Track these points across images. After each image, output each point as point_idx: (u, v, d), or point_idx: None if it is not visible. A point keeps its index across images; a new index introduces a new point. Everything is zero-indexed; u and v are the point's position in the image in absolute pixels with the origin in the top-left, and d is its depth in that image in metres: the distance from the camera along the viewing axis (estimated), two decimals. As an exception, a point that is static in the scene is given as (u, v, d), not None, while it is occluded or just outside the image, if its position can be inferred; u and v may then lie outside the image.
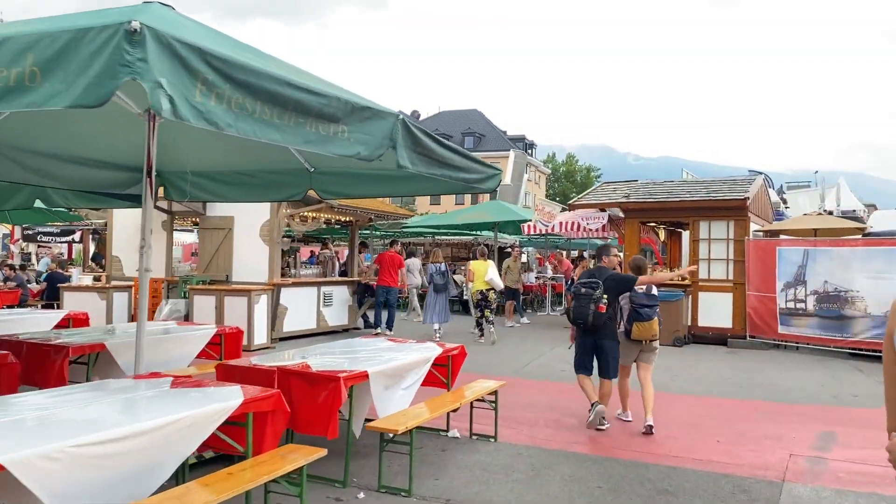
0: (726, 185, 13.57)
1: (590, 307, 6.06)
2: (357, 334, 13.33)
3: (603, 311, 6.07)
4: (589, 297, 6.08)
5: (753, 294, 12.49)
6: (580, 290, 6.21)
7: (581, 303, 6.13)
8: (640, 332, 6.46)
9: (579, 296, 6.19)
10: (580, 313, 6.13)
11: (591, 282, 6.20)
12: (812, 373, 9.89)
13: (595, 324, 6.10)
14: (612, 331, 6.34)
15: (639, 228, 13.89)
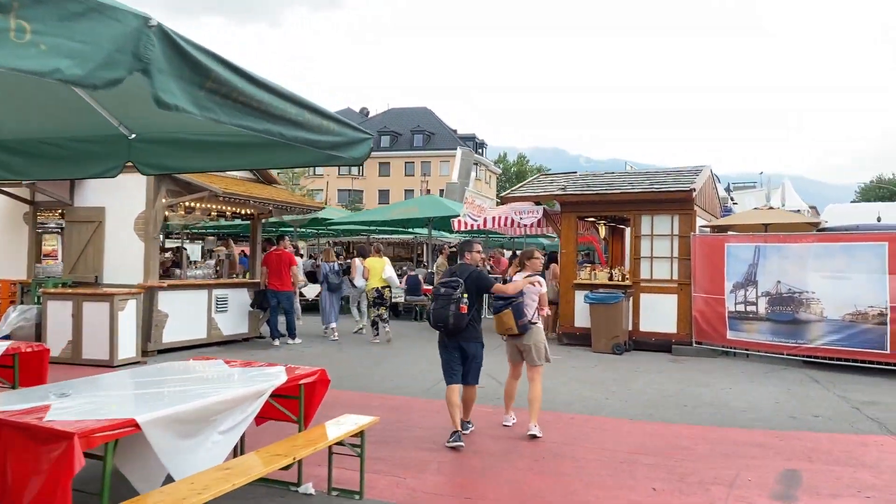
0: (671, 177, 12.35)
1: (449, 308, 5.57)
2: (259, 345, 11.67)
3: (464, 312, 5.59)
4: (448, 297, 5.59)
5: (700, 296, 11.28)
6: (440, 290, 5.71)
7: (440, 304, 5.63)
8: (496, 326, 6.16)
9: (438, 296, 5.69)
10: (440, 315, 5.63)
11: (451, 281, 5.69)
12: (766, 387, 8.65)
13: (457, 326, 5.61)
14: (476, 333, 5.86)
15: (576, 224, 12.55)
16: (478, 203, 12.97)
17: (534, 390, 6.16)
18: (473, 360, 5.90)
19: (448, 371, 5.84)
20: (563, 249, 12.53)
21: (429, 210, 16.50)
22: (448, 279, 5.74)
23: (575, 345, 12.09)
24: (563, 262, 12.52)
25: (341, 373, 9.05)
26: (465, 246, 6.16)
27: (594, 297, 11.45)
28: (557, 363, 10.28)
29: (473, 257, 6.11)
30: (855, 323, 9.62)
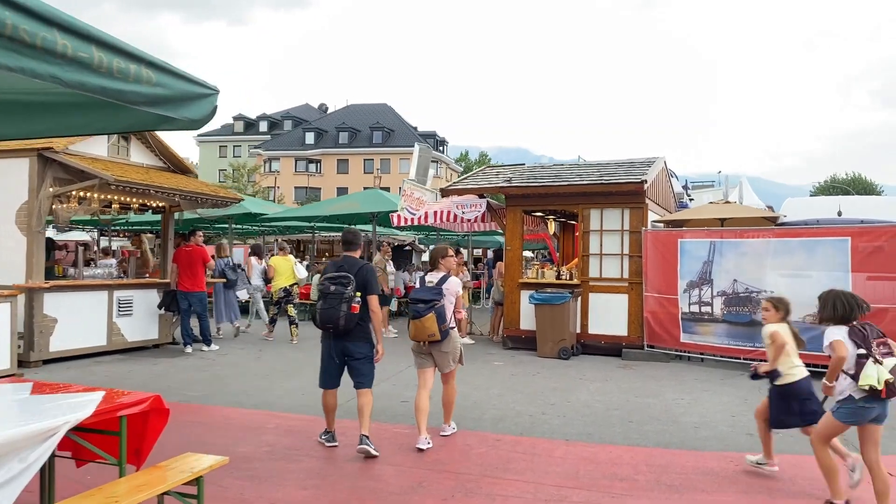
0: (622, 168, 11.52)
1: (341, 308, 5.12)
2: (169, 352, 10.47)
3: (356, 313, 5.16)
4: (340, 296, 5.13)
5: (652, 296, 10.46)
6: (329, 287, 5.20)
7: (330, 303, 5.15)
8: (415, 332, 5.58)
9: (328, 295, 5.18)
10: (330, 316, 5.14)
11: (341, 277, 5.20)
12: (720, 396, 7.83)
13: (346, 328, 5.17)
14: (366, 332, 5.37)
15: (522, 218, 11.64)
16: (417, 196, 11.96)
17: (449, 392, 5.88)
18: (365, 362, 5.39)
19: (325, 374, 5.44)
20: (509, 246, 11.60)
21: (371, 205, 15.39)
22: (336, 274, 5.22)
23: (520, 349, 11.19)
24: (509, 260, 11.60)
25: (247, 385, 7.96)
26: (352, 237, 5.59)
27: (539, 297, 10.54)
28: (497, 370, 9.34)
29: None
30: (816, 325, 8.85)
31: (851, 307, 4.17)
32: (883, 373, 3.87)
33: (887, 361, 3.92)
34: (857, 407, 4.03)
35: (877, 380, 3.87)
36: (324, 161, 71.33)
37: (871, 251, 8.50)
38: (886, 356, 3.95)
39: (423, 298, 5.54)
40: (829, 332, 4.17)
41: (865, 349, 3.96)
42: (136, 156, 10.17)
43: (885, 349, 3.99)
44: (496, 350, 11.33)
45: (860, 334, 4.03)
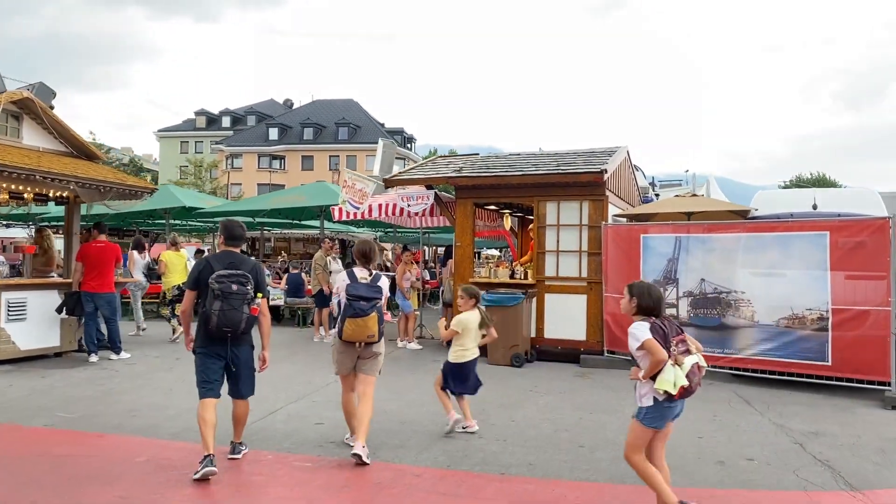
0: (581, 158, 10.57)
1: (243, 310, 4.72)
2: (69, 362, 9.24)
3: (256, 315, 4.83)
4: (243, 296, 4.72)
5: (613, 296, 9.51)
6: (230, 287, 4.69)
7: (233, 304, 4.67)
8: (354, 332, 5.13)
9: (230, 295, 4.67)
10: (232, 318, 4.67)
11: (239, 276, 4.76)
12: (686, 411, 6.87)
13: (245, 331, 4.82)
14: (249, 336, 4.98)
15: (473, 212, 10.61)
16: (359, 187, 10.87)
17: (368, 406, 5.23)
18: (247, 368, 5.00)
19: (207, 382, 4.82)
20: (458, 242, 10.58)
21: (319, 198, 14.27)
22: (233, 273, 4.74)
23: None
24: (459, 258, 10.57)
25: (140, 402, 6.80)
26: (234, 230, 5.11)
27: (490, 298, 9.53)
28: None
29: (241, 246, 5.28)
30: (791, 329, 8.01)
31: (659, 300, 3.94)
32: (680, 377, 3.65)
33: (686, 361, 3.71)
34: (662, 409, 3.80)
35: (673, 384, 3.64)
36: (288, 157, 69.67)
37: (852, 247, 7.65)
38: (685, 354, 3.74)
39: (364, 296, 5.15)
40: (635, 329, 3.84)
41: (665, 348, 3.70)
42: (30, 138, 8.92)
43: (684, 346, 3.77)
44: (443, 355, 10.26)
45: (661, 331, 3.77)
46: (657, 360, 3.67)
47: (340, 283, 5.31)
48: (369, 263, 5.43)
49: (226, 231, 5.08)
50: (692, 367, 3.72)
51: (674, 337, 3.77)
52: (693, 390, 3.72)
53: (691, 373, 3.70)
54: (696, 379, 3.74)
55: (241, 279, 4.73)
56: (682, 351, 3.74)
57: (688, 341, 3.82)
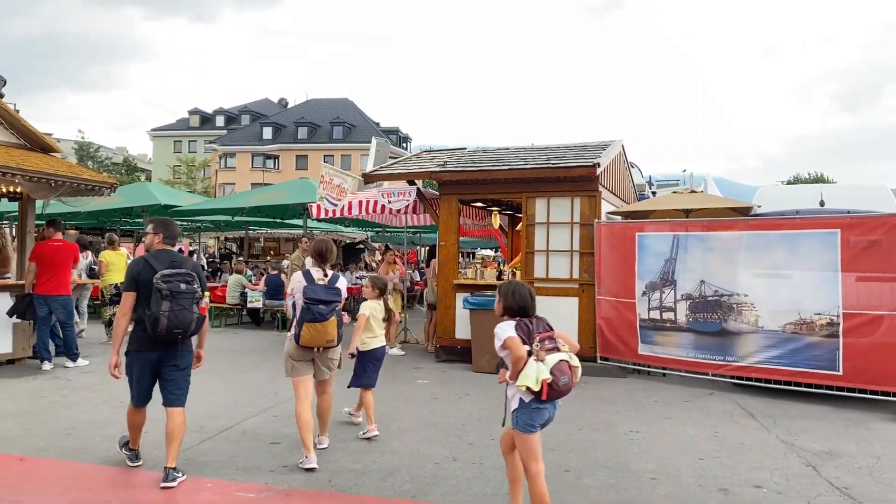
0: (572, 152, 9.94)
1: (193, 310, 4.44)
2: (21, 370, 8.60)
3: (204, 314, 4.62)
4: (192, 295, 4.45)
5: (606, 299, 8.90)
6: (178, 286, 4.39)
7: (182, 304, 4.39)
8: (312, 337, 4.85)
9: (178, 295, 4.38)
10: (183, 319, 4.39)
11: (185, 274, 4.47)
12: (685, 427, 6.26)
13: (195, 332, 4.56)
14: (189, 340, 4.68)
15: (458, 209, 9.97)
16: (337, 183, 10.22)
17: (328, 400, 5.35)
18: (186, 374, 4.68)
19: (142, 388, 4.59)
20: (442, 241, 9.94)
21: (301, 195, 13.61)
22: (178, 272, 4.45)
23: (455, 361, 9.54)
24: (443, 257, 9.93)
25: (79, 418, 6.14)
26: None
27: (475, 301, 8.91)
28: (416, 392, 7.67)
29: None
30: (798, 335, 7.39)
31: (523, 299, 3.76)
32: (543, 371, 3.46)
33: (550, 358, 3.51)
34: (531, 410, 3.61)
35: (535, 380, 3.46)
36: (282, 157, 68.92)
37: (866, 246, 7.02)
38: (551, 352, 3.56)
39: (324, 299, 4.87)
40: (498, 328, 3.71)
41: (529, 345, 3.56)
42: (-22, 130, 8.26)
43: (551, 344, 3.60)
44: (427, 363, 9.66)
45: (525, 328, 3.63)
46: (516, 357, 3.53)
47: (296, 285, 4.98)
48: (326, 263, 5.10)
49: (164, 228, 4.77)
50: (559, 365, 3.51)
51: (538, 334, 3.59)
52: (562, 390, 3.51)
53: (558, 370, 3.49)
54: (568, 379, 3.53)
55: (186, 278, 4.46)
56: (547, 348, 3.54)
57: (557, 339, 3.64)
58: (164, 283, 4.35)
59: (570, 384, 3.54)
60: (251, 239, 30.78)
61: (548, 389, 3.44)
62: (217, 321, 13.80)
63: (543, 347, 3.54)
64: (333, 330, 4.89)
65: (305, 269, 5.12)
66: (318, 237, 5.97)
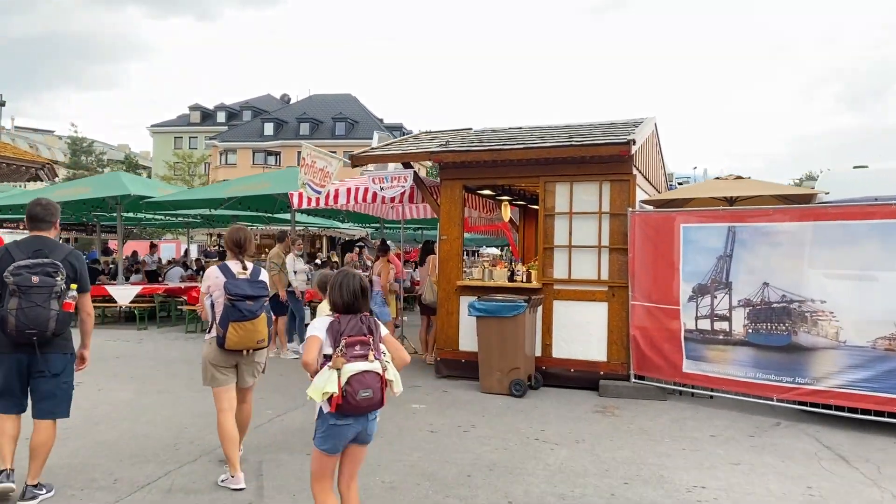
0: (599, 130, 8.39)
1: (50, 306, 3.85)
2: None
3: (70, 311, 3.99)
4: (49, 289, 3.86)
5: (642, 305, 7.35)
6: (29, 280, 3.83)
7: (34, 300, 3.82)
8: (242, 338, 4.32)
9: (29, 289, 3.82)
10: (36, 318, 3.82)
11: (45, 265, 3.89)
12: (763, 477, 4.71)
13: (56, 333, 3.92)
14: (67, 341, 4.07)
15: (462, 197, 8.41)
16: (320, 166, 8.69)
17: (248, 413, 4.74)
18: (60, 381, 4.04)
19: (9, 394, 3.98)
20: (444, 234, 8.39)
21: (287, 185, 12.05)
22: (36, 262, 3.86)
23: (459, 378, 8.02)
24: (444, 254, 8.39)
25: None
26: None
27: (483, 306, 7.37)
28: (410, 420, 6.14)
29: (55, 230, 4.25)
30: (893, 353, 5.82)
31: (351, 294, 3.19)
32: (331, 382, 2.97)
33: (349, 367, 2.99)
34: (328, 425, 3.10)
35: (320, 391, 2.97)
36: (283, 153, 67.52)
37: None
38: (357, 359, 3.03)
39: (250, 294, 4.38)
40: (310, 326, 3.21)
41: (333, 348, 3.05)
42: None
43: (361, 350, 3.05)
44: (425, 379, 8.13)
45: (336, 328, 3.10)
46: (303, 361, 3.11)
47: (213, 281, 4.44)
48: (243, 254, 4.59)
49: (27, 213, 4.18)
50: (361, 377, 3.02)
51: (348, 336, 3.07)
52: (359, 405, 3.02)
53: (358, 382, 3.00)
54: (372, 393, 3.04)
55: (47, 269, 3.91)
56: (353, 355, 3.04)
57: (373, 345, 3.10)
58: (12, 277, 3.82)
59: (376, 399, 3.06)
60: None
61: (337, 404, 2.98)
62: (192, 325, 12.30)
63: (348, 354, 3.03)
64: (264, 328, 4.45)
65: (222, 263, 4.55)
66: (236, 225, 4.91)
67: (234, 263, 4.52)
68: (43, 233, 4.11)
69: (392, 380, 3.16)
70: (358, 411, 3.06)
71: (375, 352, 3.10)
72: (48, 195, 13.49)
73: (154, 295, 13.17)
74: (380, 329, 3.24)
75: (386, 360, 3.17)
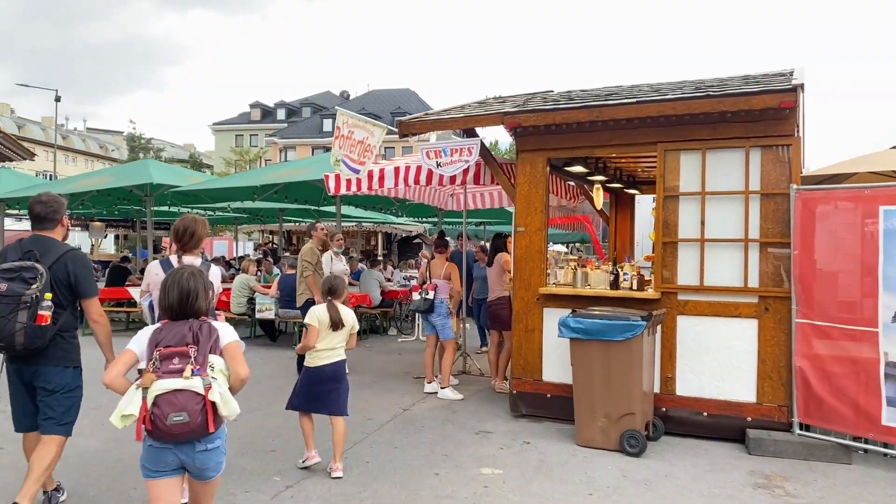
0: (734, 83, 6.08)
1: (16, 318, 3.41)
2: None
3: (46, 323, 3.50)
4: (15, 298, 3.41)
5: (814, 325, 5.07)
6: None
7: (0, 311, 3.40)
8: None
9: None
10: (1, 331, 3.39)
11: (21, 269, 3.47)
12: None
13: (29, 346, 3.45)
14: (68, 351, 3.70)
15: (545, 174, 6.23)
16: (359, 137, 6.68)
17: None
18: (61, 396, 3.65)
19: (17, 407, 3.74)
20: (521, 225, 6.27)
21: (326, 169, 10.19)
22: (12, 266, 3.47)
23: (542, 418, 5.95)
24: (522, 250, 6.27)
25: None
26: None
27: (580, 325, 5.23)
28: (476, 495, 4.07)
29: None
30: None
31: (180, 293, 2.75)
32: (133, 403, 2.53)
33: (159, 384, 2.51)
34: (147, 448, 2.65)
35: (119, 415, 2.54)
36: (342, 149, 66.68)
37: None
38: (172, 375, 2.53)
39: None
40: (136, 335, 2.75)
41: (147, 361, 2.62)
42: None
43: (179, 363, 2.56)
44: (497, 419, 6.07)
45: (154, 339, 2.65)
46: (103, 381, 2.65)
47: (152, 279, 3.90)
48: (185, 249, 3.92)
49: (28, 210, 3.80)
50: (172, 396, 2.48)
51: (164, 347, 2.58)
52: (170, 431, 2.49)
53: (167, 403, 2.47)
54: (187, 418, 2.47)
55: (23, 275, 3.43)
56: (166, 370, 2.52)
57: (194, 358, 2.55)
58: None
59: (193, 424, 2.49)
60: (299, 233, 27.76)
61: (141, 428, 2.51)
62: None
63: (161, 368, 2.53)
64: None
65: (164, 258, 4.02)
66: (187, 215, 4.09)
67: (176, 259, 3.90)
68: (46, 232, 3.73)
69: (218, 402, 2.55)
70: (172, 438, 2.55)
71: (198, 366, 2.56)
72: (65, 187, 12.03)
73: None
74: (215, 337, 2.69)
75: (213, 375, 2.58)
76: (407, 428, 5.75)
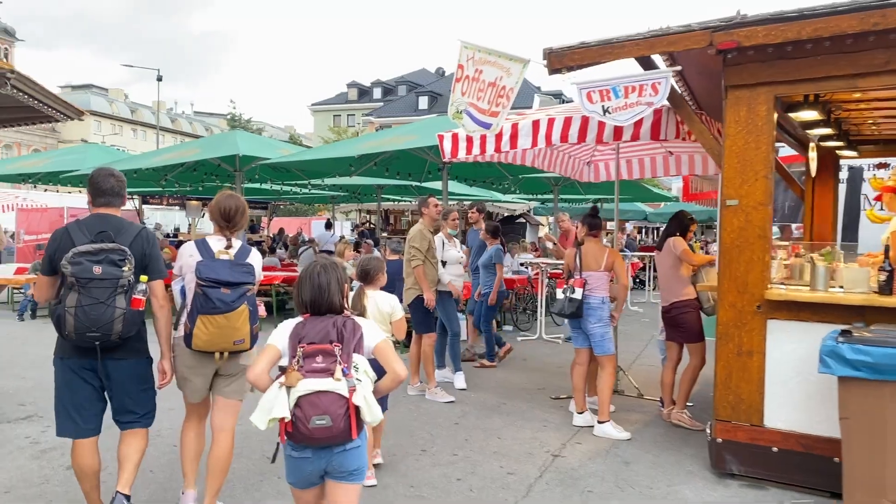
0: None
1: (115, 304, 3.01)
2: None
3: (141, 309, 3.13)
4: (114, 281, 3.01)
5: None
6: (89, 270, 2.97)
7: (95, 295, 2.98)
8: (212, 336, 3.17)
9: (90, 282, 2.97)
10: (98, 318, 2.97)
11: (109, 251, 3.03)
12: None
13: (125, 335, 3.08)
14: (142, 342, 3.29)
15: (770, 123, 4.18)
16: (490, 78, 4.80)
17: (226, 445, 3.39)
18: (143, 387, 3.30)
19: (73, 412, 3.17)
20: (732, 196, 4.25)
21: (435, 133, 8.46)
22: (99, 248, 3.00)
23: (766, 482, 4.00)
24: (731, 236, 4.25)
25: None
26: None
27: (870, 355, 3.21)
28: None
29: None
30: None
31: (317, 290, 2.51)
32: (279, 405, 2.28)
33: (304, 384, 2.29)
34: (287, 458, 2.44)
35: (266, 416, 2.31)
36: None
37: None
38: (317, 374, 2.30)
39: (226, 280, 3.18)
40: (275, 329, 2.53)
41: (289, 358, 2.39)
42: None
43: (323, 362, 2.32)
44: (690, 474, 4.18)
45: (297, 333, 2.43)
46: (248, 378, 2.47)
47: (186, 261, 3.37)
48: (232, 229, 3.41)
49: (91, 185, 3.26)
50: (315, 398, 2.25)
51: (307, 345, 2.35)
52: (312, 435, 2.26)
53: (310, 405, 2.25)
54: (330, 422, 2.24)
55: (112, 256, 3.03)
56: (311, 368, 2.29)
57: (341, 357, 2.33)
58: (70, 267, 2.96)
59: (336, 429, 2.26)
60: (397, 212, 26.29)
61: (285, 431, 2.28)
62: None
63: (304, 367, 2.29)
64: (244, 325, 3.21)
65: (201, 239, 3.42)
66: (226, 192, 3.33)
67: (218, 240, 3.37)
68: (110, 210, 3.25)
69: (361, 406, 2.30)
70: (312, 443, 2.32)
71: (345, 365, 2.31)
72: (152, 160, 10.91)
73: (271, 285, 10.18)
74: (359, 335, 2.44)
75: (358, 377, 2.34)
76: (568, 493, 3.94)
